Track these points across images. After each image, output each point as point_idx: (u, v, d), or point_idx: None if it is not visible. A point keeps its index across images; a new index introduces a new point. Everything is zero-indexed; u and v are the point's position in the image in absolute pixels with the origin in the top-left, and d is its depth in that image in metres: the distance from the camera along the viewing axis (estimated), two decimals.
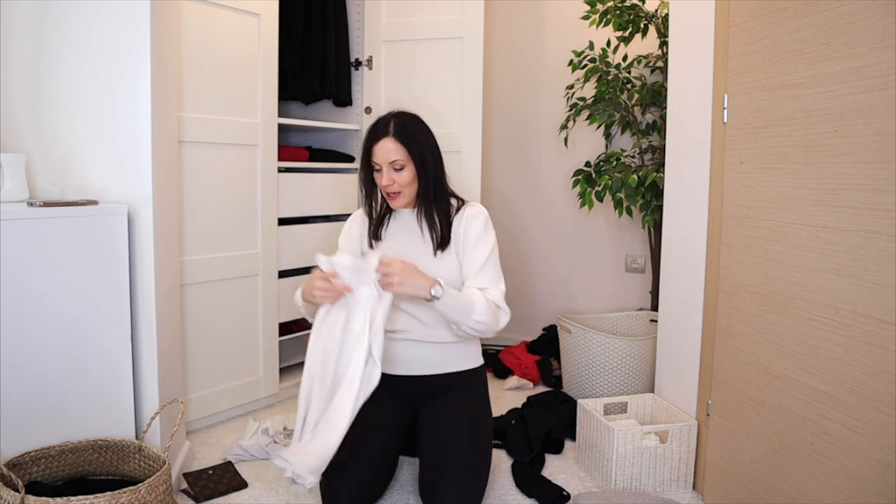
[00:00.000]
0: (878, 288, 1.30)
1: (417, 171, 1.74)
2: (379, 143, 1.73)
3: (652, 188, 2.53)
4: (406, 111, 1.81)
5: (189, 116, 2.19)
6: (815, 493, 1.46)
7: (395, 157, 1.71)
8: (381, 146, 1.72)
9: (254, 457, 2.11)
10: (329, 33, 2.89)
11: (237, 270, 2.41)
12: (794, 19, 1.51)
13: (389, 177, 1.73)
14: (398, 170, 1.73)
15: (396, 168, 1.73)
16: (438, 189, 1.80)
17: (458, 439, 1.74)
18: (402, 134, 1.72)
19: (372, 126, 1.77)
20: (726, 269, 1.79)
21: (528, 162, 3.42)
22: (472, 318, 1.63)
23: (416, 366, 1.83)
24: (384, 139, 1.72)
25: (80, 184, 1.81)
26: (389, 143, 1.71)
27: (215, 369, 2.37)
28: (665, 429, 1.94)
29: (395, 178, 1.73)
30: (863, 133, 1.33)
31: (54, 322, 1.60)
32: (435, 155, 1.78)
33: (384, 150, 1.72)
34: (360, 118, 3.01)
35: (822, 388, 1.44)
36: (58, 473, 1.59)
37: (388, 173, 1.73)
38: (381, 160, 1.73)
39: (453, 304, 1.62)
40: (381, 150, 1.72)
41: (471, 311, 1.63)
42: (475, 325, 1.65)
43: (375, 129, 1.75)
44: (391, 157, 1.71)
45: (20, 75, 1.86)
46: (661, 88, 2.69)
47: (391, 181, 1.73)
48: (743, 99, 1.71)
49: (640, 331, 2.80)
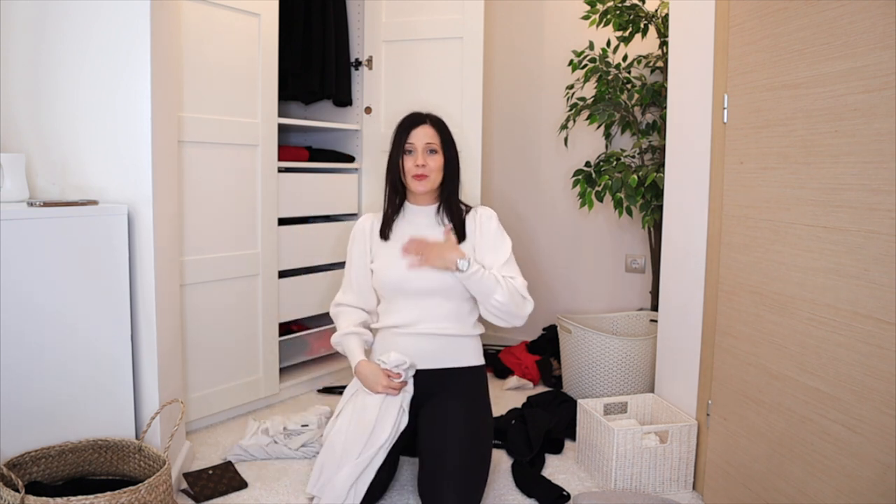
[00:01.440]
0: (878, 288, 1.30)
1: (445, 160, 1.89)
2: (419, 127, 1.88)
3: (652, 188, 2.53)
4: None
5: (189, 116, 2.19)
6: (815, 493, 1.46)
7: (432, 141, 1.87)
8: (420, 130, 1.88)
9: (254, 457, 2.11)
10: (329, 33, 2.89)
11: (237, 270, 2.41)
12: (794, 19, 1.51)
13: (424, 158, 1.86)
14: (432, 152, 1.87)
15: (431, 150, 1.87)
16: (454, 188, 1.94)
17: (458, 439, 1.75)
18: (439, 125, 1.92)
19: (408, 116, 1.92)
20: (726, 269, 1.79)
21: (528, 162, 3.42)
22: (494, 298, 1.78)
23: (418, 360, 1.84)
24: (424, 125, 1.89)
25: (80, 184, 1.81)
26: (428, 128, 1.89)
27: (215, 369, 2.37)
28: (665, 429, 1.94)
29: (428, 160, 1.86)
30: (863, 133, 1.33)
31: (54, 322, 1.60)
32: (457, 160, 1.94)
33: (423, 133, 1.87)
34: (360, 118, 3.01)
35: (822, 388, 1.44)
36: (58, 473, 1.59)
37: (423, 154, 1.86)
38: (417, 141, 1.87)
39: (477, 279, 1.77)
40: (420, 132, 1.87)
41: (492, 292, 1.77)
42: (496, 304, 1.78)
43: (413, 117, 1.91)
44: (428, 139, 1.87)
45: (20, 75, 1.86)
46: (661, 88, 2.69)
47: (424, 161, 1.86)
48: (743, 99, 1.71)
49: (640, 331, 2.80)
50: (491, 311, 1.81)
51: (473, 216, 1.93)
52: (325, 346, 2.93)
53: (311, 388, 2.82)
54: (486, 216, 1.92)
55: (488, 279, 1.78)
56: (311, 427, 2.23)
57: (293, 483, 1.97)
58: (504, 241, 1.90)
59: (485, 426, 1.86)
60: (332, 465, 1.72)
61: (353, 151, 3.04)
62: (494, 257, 1.87)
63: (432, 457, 1.74)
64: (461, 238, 1.90)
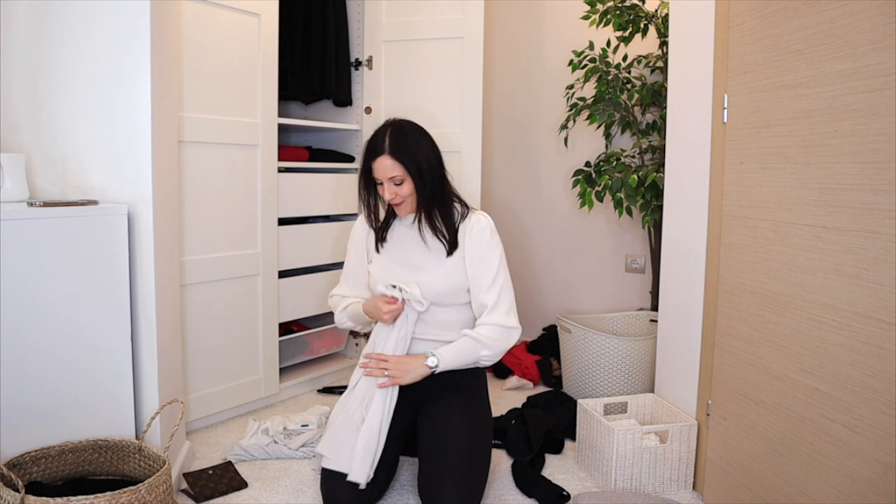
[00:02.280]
0: (878, 288, 1.30)
1: (416, 184, 1.80)
2: (377, 160, 1.79)
3: (652, 188, 2.53)
4: (402, 120, 1.84)
5: (189, 116, 2.19)
6: (815, 493, 1.46)
7: (394, 174, 1.77)
8: (378, 163, 1.79)
9: (254, 457, 2.11)
10: (329, 33, 2.89)
11: (237, 270, 2.41)
12: (794, 19, 1.51)
13: (392, 190, 1.80)
14: (398, 184, 1.79)
15: (396, 182, 1.79)
16: (439, 195, 1.84)
17: (458, 439, 1.75)
18: (397, 150, 1.77)
19: (369, 141, 1.82)
20: (726, 269, 1.79)
21: (528, 162, 3.42)
22: (480, 359, 1.79)
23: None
24: (381, 157, 1.78)
25: (80, 184, 1.81)
26: (387, 160, 1.77)
27: (215, 369, 2.37)
28: (665, 429, 1.94)
29: (397, 191, 1.80)
30: (863, 133, 1.33)
31: (54, 322, 1.60)
32: (433, 163, 1.82)
33: (382, 167, 1.78)
34: (360, 118, 3.01)
35: (822, 388, 1.44)
36: (58, 473, 1.59)
37: (390, 187, 1.80)
38: (380, 176, 1.80)
39: (454, 362, 1.78)
40: (380, 167, 1.79)
41: (476, 356, 1.78)
42: (486, 361, 1.80)
43: (373, 145, 1.81)
44: (389, 174, 1.78)
45: (20, 75, 1.86)
46: (661, 88, 2.69)
47: (394, 194, 1.81)
48: (743, 99, 1.71)
49: (640, 331, 2.80)
50: (484, 364, 1.82)
51: (466, 226, 1.84)
52: (325, 346, 2.93)
53: (311, 388, 2.82)
54: (478, 227, 1.83)
55: (465, 352, 1.77)
56: (311, 427, 2.23)
57: (293, 483, 1.97)
58: (491, 255, 1.82)
59: (485, 427, 1.86)
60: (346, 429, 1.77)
61: (353, 151, 3.03)
62: (482, 276, 1.81)
63: (432, 457, 1.74)
64: (453, 247, 1.84)
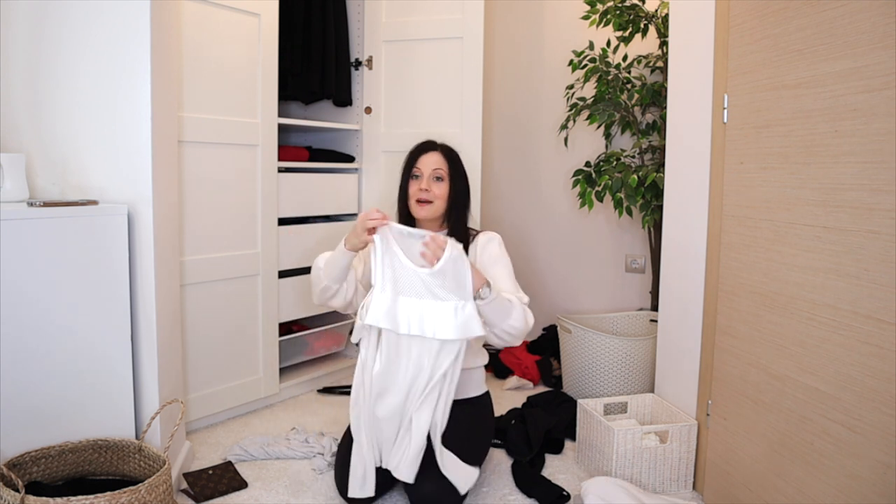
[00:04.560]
0: (878, 288, 1.30)
1: (450, 190, 1.88)
2: (428, 153, 1.90)
3: (652, 188, 2.53)
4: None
5: (189, 116, 2.19)
6: (815, 493, 1.46)
7: (439, 167, 1.88)
8: (428, 156, 1.90)
9: (254, 457, 2.11)
10: (329, 33, 2.89)
11: (237, 270, 2.41)
12: (794, 19, 1.51)
13: (428, 183, 1.87)
14: (437, 179, 1.88)
15: (437, 177, 1.88)
16: (462, 212, 1.93)
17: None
18: (449, 154, 1.93)
19: (420, 143, 1.95)
20: (726, 269, 1.79)
21: (528, 162, 3.42)
22: (507, 323, 1.67)
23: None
24: (433, 151, 1.91)
25: (80, 184, 1.81)
26: (437, 155, 1.90)
27: (215, 369, 2.37)
28: (665, 429, 1.94)
29: (433, 187, 1.87)
30: (863, 133, 1.33)
31: (54, 322, 1.60)
32: (466, 186, 1.93)
33: (431, 160, 1.89)
34: (360, 118, 3.01)
35: (822, 388, 1.44)
36: (58, 473, 1.59)
37: (428, 180, 1.88)
38: (424, 166, 1.89)
39: (495, 306, 1.64)
40: (429, 159, 1.89)
41: (507, 316, 1.66)
42: (508, 329, 1.67)
43: (424, 145, 1.93)
44: (435, 166, 1.88)
45: (20, 75, 1.86)
46: (661, 88, 2.69)
47: (428, 187, 1.87)
48: (743, 99, 1.71)
49: (640, 331, 2.80)
50: (499, 335, 1.70)
51: (475, 245, 1.91)
52: (325, 346, 2.93)
53: (311, 389, 2.82)
54: (486, 241, 1.90)
55: (504, 305, 1.67)
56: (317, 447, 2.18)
57: (293, 483, 1.97)
58: (503, 261, 1.86)
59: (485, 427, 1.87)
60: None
61: (353, 151, 3.03)
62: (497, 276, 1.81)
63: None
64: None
